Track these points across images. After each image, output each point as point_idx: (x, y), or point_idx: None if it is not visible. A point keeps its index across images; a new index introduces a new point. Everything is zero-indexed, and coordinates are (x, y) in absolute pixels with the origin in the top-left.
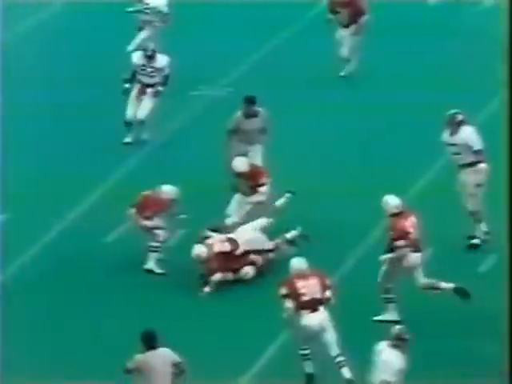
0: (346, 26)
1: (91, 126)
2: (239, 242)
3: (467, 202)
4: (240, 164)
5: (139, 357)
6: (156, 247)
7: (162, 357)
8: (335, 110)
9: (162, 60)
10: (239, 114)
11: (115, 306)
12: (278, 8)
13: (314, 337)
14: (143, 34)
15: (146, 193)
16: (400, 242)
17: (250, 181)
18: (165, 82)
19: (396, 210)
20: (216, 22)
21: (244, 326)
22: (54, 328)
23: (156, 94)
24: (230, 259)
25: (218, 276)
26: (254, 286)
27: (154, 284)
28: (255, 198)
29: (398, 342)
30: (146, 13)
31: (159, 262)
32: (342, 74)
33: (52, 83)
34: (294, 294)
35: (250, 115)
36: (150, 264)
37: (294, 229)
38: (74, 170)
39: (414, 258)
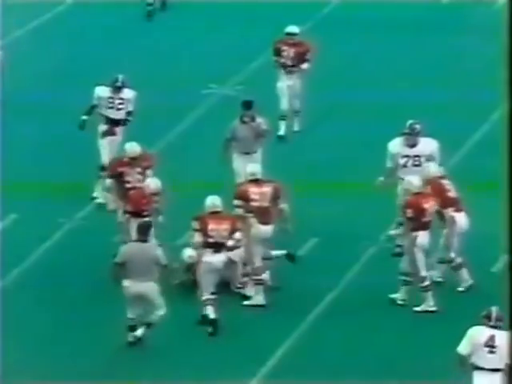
0: (290, 67)
1: (97, 124)
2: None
3: None
4: (133, 149)
5: (123, 247)
6: None
7: (145, 250)
8: (343, 108)
9: (128, 92)
10: (236, 122)
11: (122, 306)
12: (288, 7)
13: (214, 273)
14: None
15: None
16: (237, 202)
17: (141, 164)
18: (129, 118)
19: (252, 178)
20: (227, 21)
21: (254, 328)
22: (59, 328)
23: (123, 132)
24: None
25: None
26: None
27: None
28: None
29: (498, 323)
30: None
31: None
32: (281, 133)
33: (52, 83)
34: (204, 232)
35: (246, 121)
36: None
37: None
38: (83, 168)
39: (263, 230)
